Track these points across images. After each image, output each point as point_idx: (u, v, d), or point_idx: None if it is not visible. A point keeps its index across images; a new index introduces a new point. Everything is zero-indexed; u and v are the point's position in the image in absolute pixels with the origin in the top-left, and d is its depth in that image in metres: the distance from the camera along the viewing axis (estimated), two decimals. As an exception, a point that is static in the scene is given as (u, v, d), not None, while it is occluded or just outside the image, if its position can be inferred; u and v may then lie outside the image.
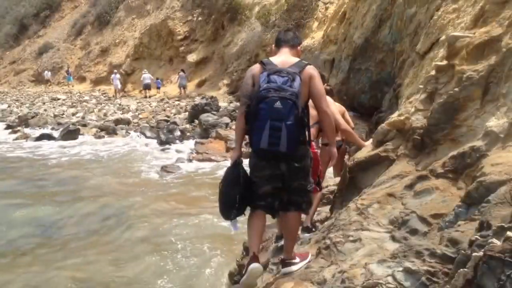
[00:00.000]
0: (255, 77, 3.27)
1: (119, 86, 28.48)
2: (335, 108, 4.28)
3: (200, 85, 26.37)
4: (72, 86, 34.02)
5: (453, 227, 2.36)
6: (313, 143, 3.98)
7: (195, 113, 17.94)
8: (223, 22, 26.77)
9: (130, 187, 9.81)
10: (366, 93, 13.56)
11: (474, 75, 3.04)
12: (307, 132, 3.27)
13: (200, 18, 27.90)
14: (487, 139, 2.75)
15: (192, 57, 28.03)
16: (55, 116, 22.09)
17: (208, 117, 16.32)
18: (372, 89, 13.29)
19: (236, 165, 3.34)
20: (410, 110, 3.53)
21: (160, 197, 9.01)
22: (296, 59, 3.31)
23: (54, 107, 25.31)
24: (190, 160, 12.22)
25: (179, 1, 30.60)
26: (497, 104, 2.86)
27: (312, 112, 3.42)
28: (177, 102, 23.37)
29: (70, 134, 16.69)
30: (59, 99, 28.76)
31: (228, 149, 13.04)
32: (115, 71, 29.59)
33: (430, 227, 2.61)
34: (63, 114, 22.82)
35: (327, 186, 4.65)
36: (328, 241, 3.10)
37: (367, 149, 3.78)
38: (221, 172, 10.54)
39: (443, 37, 4.19)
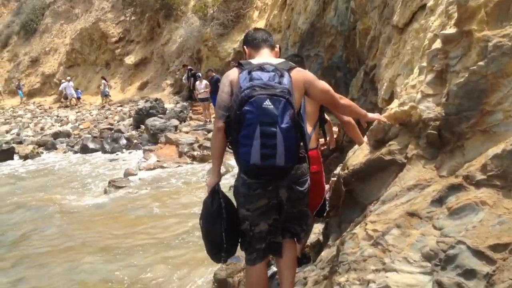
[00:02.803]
0: (233, 83, 2.57)
1: (75, 94, 26.01)
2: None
3: (141, 87, 24.94)
4: (23, 102, 30.71)
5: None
6: (317, 151, 3.16)
7: (140, 118, 16.81)
8: (158, 19, 25.38)
9: (73, 209, 8.61)
10: (319, 81, 12.91)
11: (504, 42, 2.26)
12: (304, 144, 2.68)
13: (133, 18, 26.34)
14: (548, 128, 1.97)
15: (130, 59, 26.49)
16: (-14, 136, 20.21)
17: (155, 121, 15.24)
18: (324, 75, 12.65)
19: (214, 193, 2.68)
20: (415, 96, 2.72)
21: (107, 219, 7.89)
22: (282, 60, 2.68)
23: (-15, 126, 23.23)
24: (139, 170, 11.11)
25: (109, 1, 28.83)
26: (549, 78, 2.09)
27: (308, 109, 2.99)
28: (119, 108, 21.94)
29: (3, 154, 15.12)
30: (-11, 117, 26.52)
31: (180, 154, 12.06)
32: (68, 78, 27.05)
33: (495, 266, 1.81)
34: (-4, 132, 20.95)
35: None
36: (338, 289, 2.25)
37: (362, 153, 2.95)
38: (175, 181, 9.77)
39: (431, 2, 3.42)
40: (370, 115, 2.90)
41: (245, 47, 2.83)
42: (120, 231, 7.19)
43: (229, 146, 2.63)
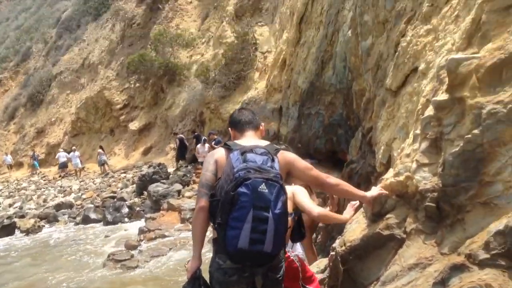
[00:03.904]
0: (219, 163, 2.54)
1: (80, 164, 25.42)
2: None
3: (145, 152, 25.04)
4: (37, 172, 30.44)
5: None
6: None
7: (143, 184, 16.68)
8: (162, 85, 25.91)
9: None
10: (321, 138, 12.88)
11: (499, 108, 2.15)
12: None
13: (137, 84, 26.88)
14: (554, 203, 1.81)
15: (134, 125, 26.79)
16: (-11, 210, 20.06)
17: (157, 187, 15.06)
18: (326, 133, 12.66)
19: (195, 279, 2.52)
20: (410, 166, 2.58)
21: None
22: (267, 142, 2.69)
23: (-11, 200, 23.12)
24: (141, 241, 10.81)
25: (114, 70, 29.60)
26: (549, 147, 1.96)
27: None
28: (123, 175, 21.90)
29: (5, 229, 14.84)
30: (-6, 190, 26.46)
31: (183, 220, 11.80)
32: (74, 148, 26.84)
33: None
34: (-1, 207, 20.81)
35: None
36: None
37: (359, 226, 2.77)
38: (175, 254, 9.37)
39: (423, 66, 3.35)
40: (369, 193, 2.71)
41: (229, 128, 2.83)
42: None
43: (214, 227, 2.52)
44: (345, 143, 10.40)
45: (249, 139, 2.70)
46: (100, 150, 24.70)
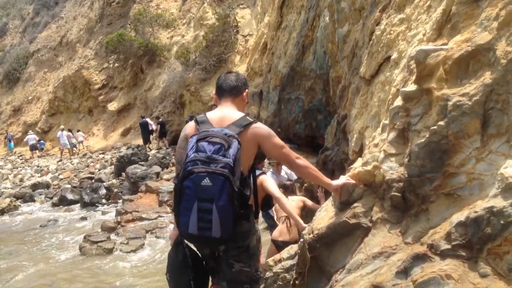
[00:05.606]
0: (188, 139, 2.62)
1: (68, 144, 23.76)
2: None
3: (124, 134, 24.81)
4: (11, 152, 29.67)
5: None
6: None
7: (121, 165, 16.55)
8: (142, 65, 25.58)
9: (43, 272, 8.15)
10: (300, 123, 12.93)
11: (464, 101, 2.17)
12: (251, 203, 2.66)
13: (116, 64, 26.52)
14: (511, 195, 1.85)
15: (113, 106, 26.47)
16: (-36, 189, 19.69)
17: (135, 169, 14.97)
18: (306, 118, 12.72)
19: (178, 245, 2.70)
20: (378, 155, 2.60)
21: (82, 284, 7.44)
22: (238, 116, 2.69)
23: (-35, 179, 22.69)
24: (118, 223, 10.76)
25: (92, 49, 29.08)
26: (511, 140, 1.99)
27: None
28: (101, 156, 21.70)
29: (-21, 209, 14.66)
30: (-31, 169, 25.95)
31: (161, 203, 11.76)
32: (62, 127, 25.63)
33: None
34: (-26, 185, 20.43)
35: (280, 260, 3.62)
36: None
37: (327, 215, 2.80)
38: (152, 237, 9.34)
39: (395, 55, 3.37)
40: (336, 182, 2.72)
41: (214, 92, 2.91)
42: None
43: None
44: (324, 128, 10.45)
45: (223, 109, 2.73)
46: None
